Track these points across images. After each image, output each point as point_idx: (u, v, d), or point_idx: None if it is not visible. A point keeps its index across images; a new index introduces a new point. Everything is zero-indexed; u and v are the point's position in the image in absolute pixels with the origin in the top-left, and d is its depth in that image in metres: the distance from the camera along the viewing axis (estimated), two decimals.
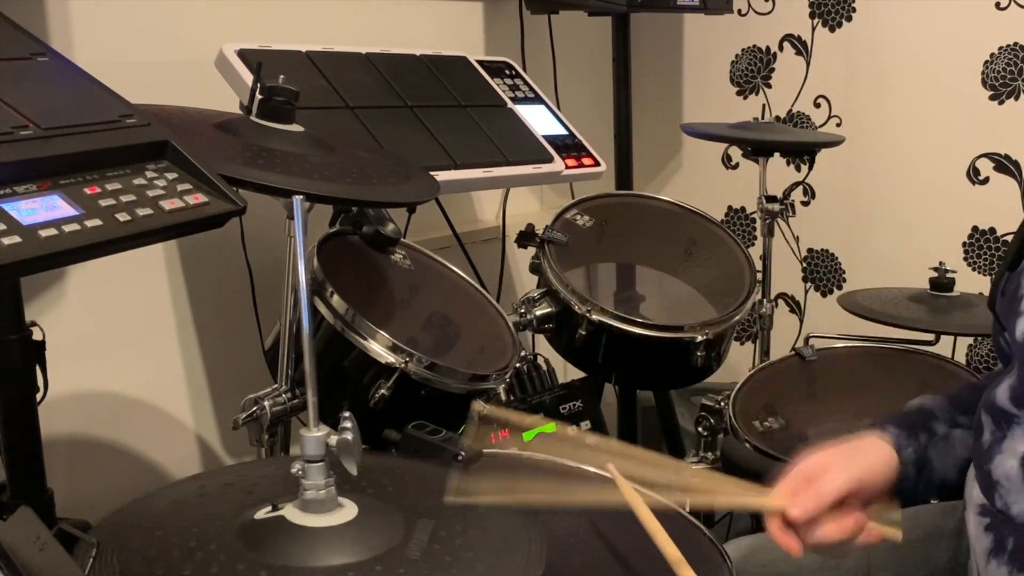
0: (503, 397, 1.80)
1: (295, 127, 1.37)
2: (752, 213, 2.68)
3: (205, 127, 1.32)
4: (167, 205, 1.02)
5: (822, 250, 2.58)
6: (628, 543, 1.24)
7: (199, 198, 1.05)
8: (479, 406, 1.16)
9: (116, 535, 0.90)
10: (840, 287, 2.55)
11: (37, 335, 1.21)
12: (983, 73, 2.25)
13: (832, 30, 2.46)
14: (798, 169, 2.54)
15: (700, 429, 1.66)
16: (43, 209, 0.94)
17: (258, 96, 1.35)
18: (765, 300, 2.09)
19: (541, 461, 1.44)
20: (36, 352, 1.21)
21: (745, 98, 2.63)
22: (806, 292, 2.64)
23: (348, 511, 0.93)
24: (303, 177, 1.23)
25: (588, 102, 2.49)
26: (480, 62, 2.03)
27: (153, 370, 1.78)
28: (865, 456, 1.06)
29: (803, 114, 2.54)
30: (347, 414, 0.94)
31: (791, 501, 1.01)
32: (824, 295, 2.60)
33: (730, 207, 2.71)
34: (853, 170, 2.45)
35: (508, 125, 1.92)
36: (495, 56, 2.13)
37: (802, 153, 2.22)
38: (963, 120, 2.29)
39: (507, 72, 2.08)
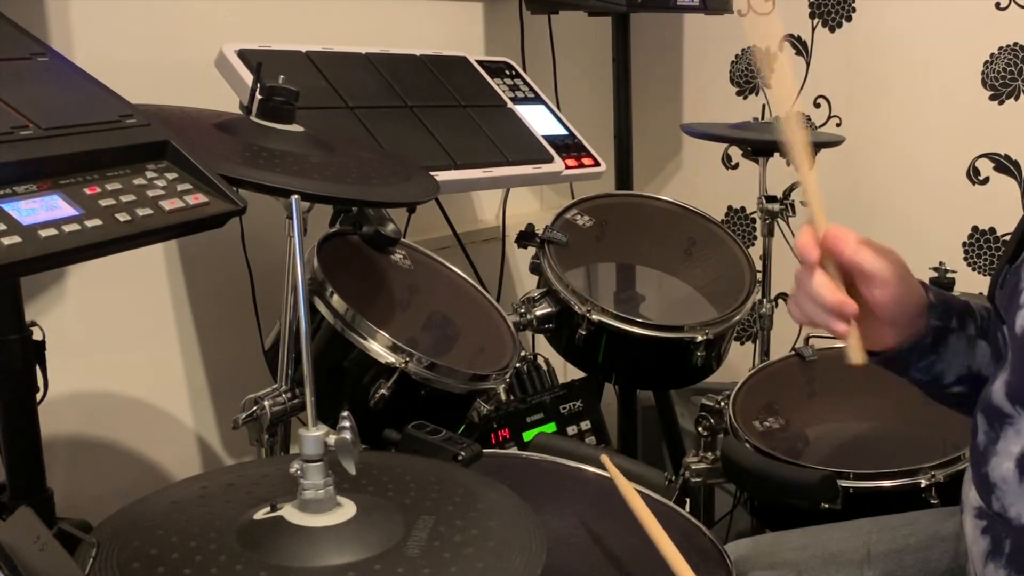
0: (503, 397, 1.80)
1: (295, 127, 1.37)
2: (752, 213, 2.67)
3: (205, 127, 1.32)
4: (167, 205, 1.02)
5: None
6: (628, 543, 1.24)
7: (199, 198, 1.05)
8: None
9: (116, 535, 0.90)
10: None
11: (37, 335, 1.21)
12: (983, 73, 2.25)
13: (832, 30, 2.46)
14: (798, 169, 2.53)
15: (700, 429, 1.66)
16: (43, 209, 0.94)
17: (258, 96, 1.35)
18: (765, 300, 2.09)
19: (540, 461, 1.45)
20: (36, 352, 1.21)
21: (745, 98, 2.63)
22: None
23: (347, 510, 0.93)
24: (303, 177, 1.23)
25: (588, 102, 2.49)
26: (480, 62, 2.03)
27: (153, 370, 1.78)
28: (907, 270, 1.02)
29: (803, 114, 2.54)
30: (346, 414, 0.94)
31: (835, 229, 0.98)
32: None
33: (730, 207, 2.71)
34: (853, 170, 2.45)
35: (508, 125, 1.92)
36: (495, 56, 2.13)
37: None
38: (963, 120, 2.29)
39: (507, 72, 2.08)
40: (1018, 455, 0.94)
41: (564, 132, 2.04)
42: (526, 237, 1.86)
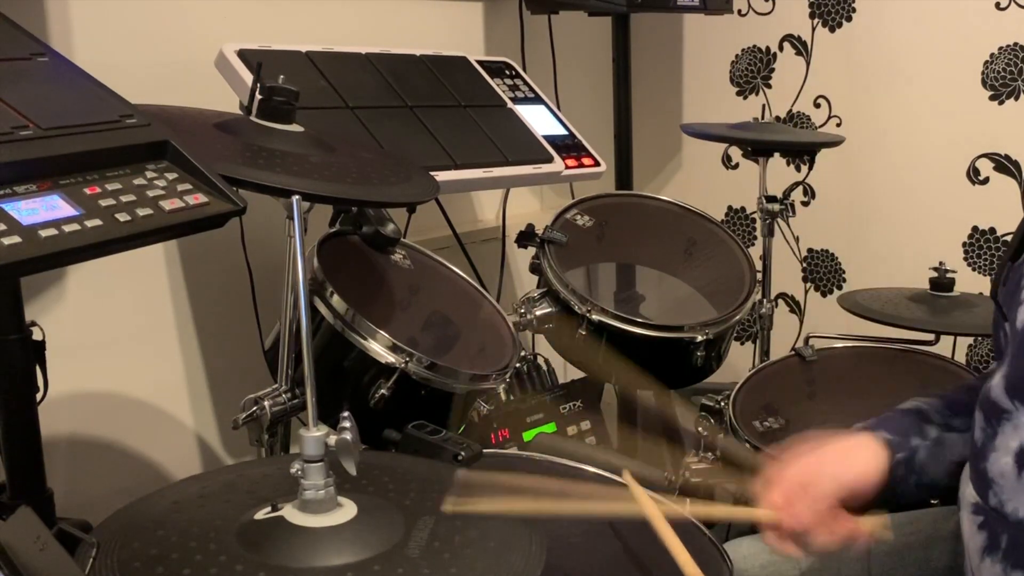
0: (503, 397, 1.80)
1: (295, 127, 1.37)
2: (752, 213, 2.67)
3: (205, 127, 1.32)
4: (167, 205, 1.02)
5: (822, 250, 2.58)
6: (628, 543, 1.24)
7: (199, 198, 1.05)
8: None
9: (116, 535, 0.90)
10: (840, 287, 2.55)
11: (37, 335, 1.21)
12: (983, 73, 2.25)
13: (832, 30, 2.46)
14: (798, 169, 2.54)
15: (700, 429, 1.66)
16: (43, 209, 0.94)
17: (258, 96, 1.35)
18: (765, 300, 2.09)
19: (540, 461, 1.45)
20: (36, 352, 1.21)
21: (745, 98, 2.63)
22: (806, 292, 2.64)
23: (347, 511, 0.93)
24: (303, 177, 1.23)
25: (588, 102, 2.49)
26: (480, 62, 2.03)
27: (153, 370, 1.78)
28: (856, 460, 1.08)
29: (803, 114, 2.54)
30: (346, 414, 0.94)
31: (786, 511, 1.04)
32: (824, 295, 2.60)
33: (730, 207, 2.71)
34: (853, 170, 2.45)
35: (508, 125, 1.92)
36: (495, 56, 2.13)
37: (802, 153, 2.22)
38: (963, 120, 2.29)
39: (507, 72, 2.08)
40: (1016, 450, 0.95)
41: (564, 132, 2.04)
42: (526, 237, 1.86)
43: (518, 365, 1.79)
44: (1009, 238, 2.28)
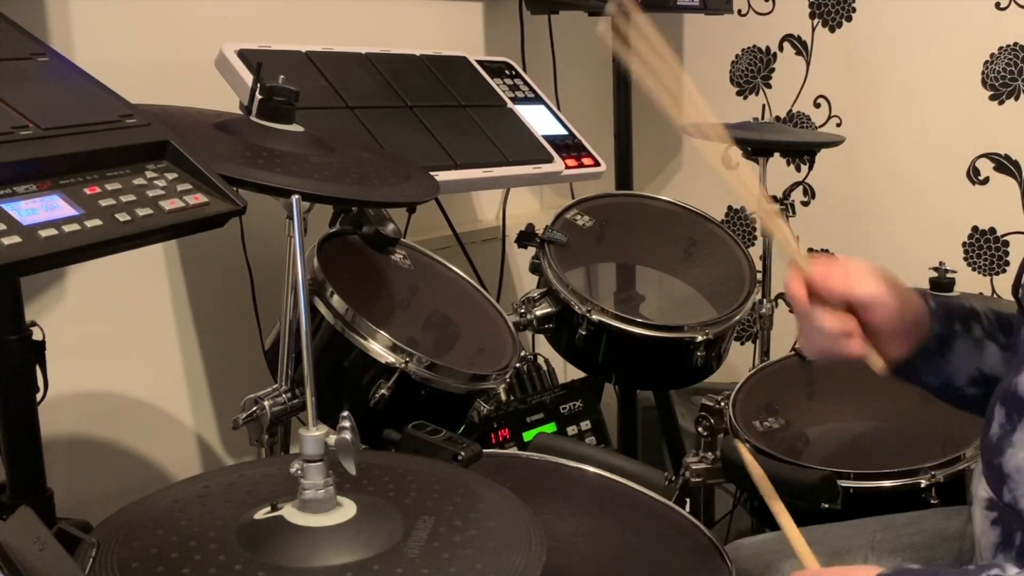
0: (503, 397, 1.81)
1: (295, 127, 1.37)
2: (752, 213, 2.67)
3: (205, 127, 1.32)
4: (167, 205, 1.02)
5: (822, 250, 2.58)
6: (628, 543, 1.24)
7: (199, 198, 1.05)
8: None
9: (116, 535, 0.90)
10: None
11: (37, 335, 1.21)
12: (983, 73, 2.25)
13: (832, 30, 2.46)
14: (798, 169, 2.53)
15: (700, 429, 1.66)
16: (43, 209, 0.94)
17: (258, 96, 1.35)
18: (765, 300, 2.09)
19: (540, 461, 1.45)
20: (36, 352, 1.21)
21: (745, 98, 2.63)
22: None
23: (347, 510, 0.93)
24: (303, 177, 1.23)
25: (588, 102, 2.49)
26: (480, 62, 2.03)
27: (153, 370, 1.78)
28: (901, 284, 1.06)
29: (803, 114, 2.54)
30: (346, 413, 0.94)
31: (820, 269, 1.03)
32: None
33: (730, 207, 2.71)
34: (853, 170, 2.45)
35: (508, 125, 1.92)
36: (495, 56, 2.13)
37: (802, 153, 2.22)
38: (963, 120, 2.29)
39: (507, 72, 2.08)
40: None
41: (564, 132, 2.04)
42: (526, 237, 1.86)
43: (518, 365, 1.79)
44: (1009, 238, 2.29)
